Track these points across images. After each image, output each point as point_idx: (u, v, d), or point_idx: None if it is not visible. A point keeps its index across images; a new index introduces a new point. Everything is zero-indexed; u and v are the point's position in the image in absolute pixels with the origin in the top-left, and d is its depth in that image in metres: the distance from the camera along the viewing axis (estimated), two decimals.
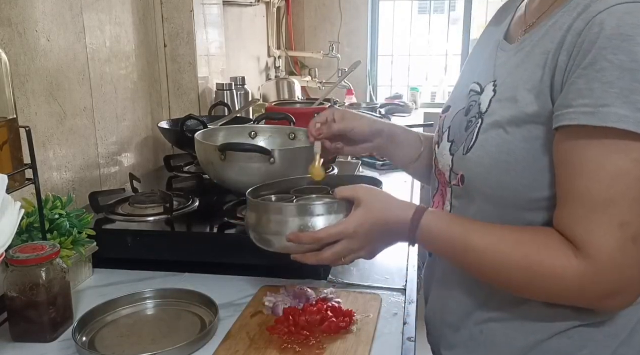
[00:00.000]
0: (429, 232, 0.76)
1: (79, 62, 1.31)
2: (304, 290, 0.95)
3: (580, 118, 0.63)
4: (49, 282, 0.85)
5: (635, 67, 0.60)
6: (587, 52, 0.63)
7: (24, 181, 0.87)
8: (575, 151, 0.65)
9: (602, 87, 0.61)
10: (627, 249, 0.63)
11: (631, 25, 0.61)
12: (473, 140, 0.77)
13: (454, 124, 0.85)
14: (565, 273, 0.66)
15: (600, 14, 0.63)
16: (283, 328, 0.86)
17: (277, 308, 0.91)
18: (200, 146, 1.15)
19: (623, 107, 0.60)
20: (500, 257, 0.71)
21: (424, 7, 3.99)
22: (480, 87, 0.81)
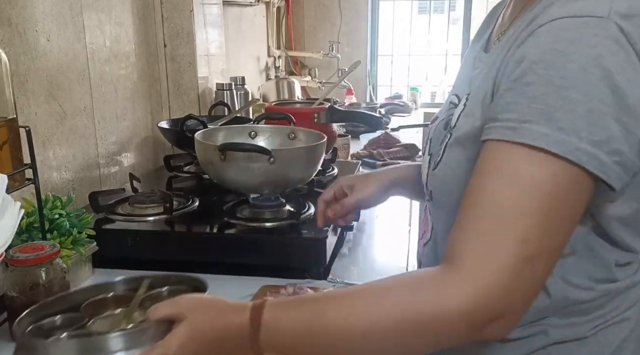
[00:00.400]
0: (277, 327, 0.61)
1: (79, 62, 1.31)
2: (304, 290, 0.95)
3: (504, 133, 0.59)
4: (49, 282, 0.85)
5: (563, 84, 0.57)
6: (520, 65, 0.60)
7: (24, 181, 0.87)
8: (495, 158, 0.60)
9: (527, 102, 0.58)
10: (519, 268, 0.56)
11: (566, 41, 0.58)
12: (440, 156, 0.74)
13: (434, 136, 0.82)
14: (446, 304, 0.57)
15: (540, 27, 0.60)
16: None
17: None
18: (200, 146, 1.15)
19: (545, 125, 0.56)
20: (368, 317, 0.59)
21: (424, 7, 3.99)
22: (458, 99, 0.78)
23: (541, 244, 0.57)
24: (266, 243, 1.08)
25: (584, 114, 0.56)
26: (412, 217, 1.43)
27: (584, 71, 0.56)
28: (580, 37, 0.57)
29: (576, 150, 0.56)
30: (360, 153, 2.07)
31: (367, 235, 1.32)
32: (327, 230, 1.08)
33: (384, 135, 2.17)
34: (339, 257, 1.16)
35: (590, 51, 0.57)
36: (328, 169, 1.52)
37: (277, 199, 1.19)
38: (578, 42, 0.57)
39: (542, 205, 0.57)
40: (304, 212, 1.15)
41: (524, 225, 0.57)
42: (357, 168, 1.62)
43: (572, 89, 0.56)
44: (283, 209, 1.17)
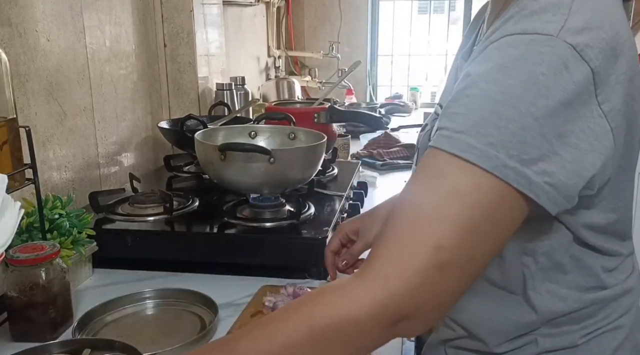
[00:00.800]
0: None
1: (79, 62, 1.31)
2: (304, 290, 0.95)
3: (439, 141, 0.59)
4: (49, 282, 0.85)
5: (499, 99, 0.56)
6: (467, 77, 0.60)
7: (24, 181, 0.87)
8: (426, 165, 0.60)
9: (465, 113, 0.58)
10: (429, 274, 0.54)
11: (511, 58, 0.57)
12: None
13: (421, 146, 0.82)
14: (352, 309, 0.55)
15: (492, 43, 0.60)
16: None
17: (277, 308, 0.91)
18: (200, 146, 1.15)
19: (475, 138, 0.56)
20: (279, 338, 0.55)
21: (424, 7, 3.99)
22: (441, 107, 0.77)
23: (456, 253, 0.55)
24: (266, 243, 1.08)
25: (516, 131, 0.55)
26: None
27: (523, 88, 0.56)
28: (526, 54, 0.57)
29: (503, 167, 0.55)
30: (360, 153, 2.07)
31: None
32: (327, 230, 1.08)
33: (384, 135, 2.17)
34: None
35: (533, 69, 0.56)
36: (328, 169, 1.52)
37: (277, 199, 1.19)
38: (522, 59, 0.57)
39: (461, 215, 0.55)
40: (304, 212, 1.15)
41: (440, 232, 0.55)
42: (357, 168, 1.62)
43: (508, 106, 0.56)
44: (283, 209, 1.17)
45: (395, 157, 2.00)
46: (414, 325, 0.57)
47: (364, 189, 1.51)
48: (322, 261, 1.06)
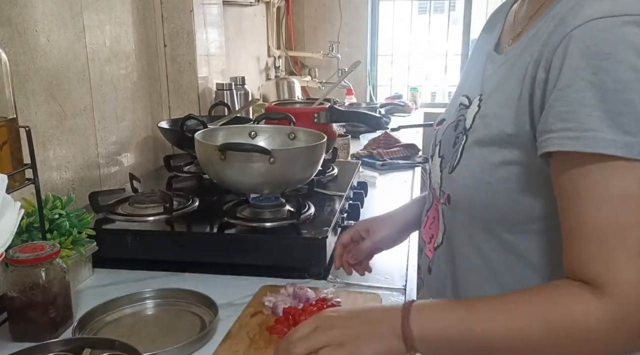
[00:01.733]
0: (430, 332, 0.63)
1: (79, 62, 1.31)
2: (304, 290, 0.95)
3: (565, 144, 0.58)
4: (49, 282, 0.85)
5: (617, 88, 0.56)
6: (564, 72, 0.59)
7: (24, 181, 0.87)
8: (573, 181, 0.59)
9: (585, 111, 0.57)
10: None
11: (609, 43, 0.57)
12: (458, 159, 0.73)
13: (444, 138, 0.81)
14: (589, 318, 0.57)
15: (575, 29, 0.59)
16: (283, 328, 0.86)
17: (277, 308, 0.91)
18: (200, 146, 1.15)
19: (609, 132, 0.56)
20: (514, 333, 0.60)
21: (424, 7, 3.99)
22: (469, 100, 0.77)
23: None
24: (266, 243, 1.08)
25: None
26: None
27: (635, 70, 0.56)
28: (623, 36, 0.57)
29: None
30: (360, 153, 2.07)
31: None
32: (327, 230, 1.08)
33: (384, 135, 2.17)
34: None
35: (637, 49, 0.56)
36: (328, 169, 1.52)
37: (277, 199, 1.19)
38: (622, 41, 0.57)
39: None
40: (304, 212, 1.15)
41: (634, 238, 0.56)
42: (357, 168, 1.62)
43: (629, 91, 0.56)
44: (283, 209, 1.17)
45: (395, 157, 2.00)
46: None
47: (364, 189, 1.52)
48: (322, 261, 1.06)
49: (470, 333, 0.62)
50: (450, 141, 0.77)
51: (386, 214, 1.01)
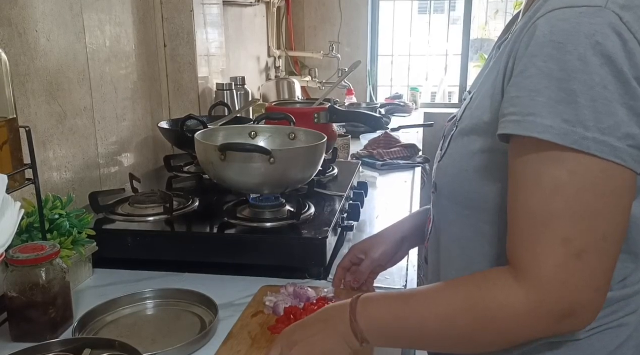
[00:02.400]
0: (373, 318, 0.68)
1: (79, 62, 1.31)
2: (304, 289, 0.95)
3: (508, 127, 0.61)
4: (49, 282, 0.85)
5: (563, 76, 0.57)
6: (521, 59, 0.61)
7: (24, 181, 0.87)
8: (517, 164, 0.62)
9: (530, 95, 0.59)
10: (570, 266, 0.58)
11: (563, 32, 0.58)
12: (445, 149, 0.76)
13: (447, 133, 0.83)
14: (510, 303, 0.60)
15: (539, 19, 0.61)
16: (284, 327, 0.86)
17: (277, 307, 0.91)
18: (200, 146, 1.15)
19: (548, 118, 0.57)
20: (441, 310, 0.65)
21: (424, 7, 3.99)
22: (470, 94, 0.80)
23: (585, 239, 0.58)
24: (266, 243, 1.08)
25: (587, 103, 0.57)
26: None
27: (582, 61, 0.57)
28: (577, 26, 0.58)
29: (583, 140, 0.57)
30: (360, 153, 2.07)
31: (367, 235, 1.31)
32: (327, 230, 1.08)
33: (384, 135, 2.17)
34: (339, 257, 1.16)
35: (588, 40, 0.57)
36: (328, 169, 1.52)
37: (277, 199, 1.19)
38: (575, 31, 0.58)
39: (569, 204, 0.58)
40: (304, 212, 1.15)
41: (560, 226, 0.58)
42: (357, 168, 1.62)
43: (573, 80, 0.57)
44: (283, 209, 1.17)
45: (395, 157, 2.00)
46: (577, 322, 0.61)
47: (364, 189, 1.51)
48: (322, 261, 1.06)
49: (406, 324, 0.66)
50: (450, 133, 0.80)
51: (380, 231, 1.03)
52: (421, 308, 0.66)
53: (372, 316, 0.68)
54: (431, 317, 0.65)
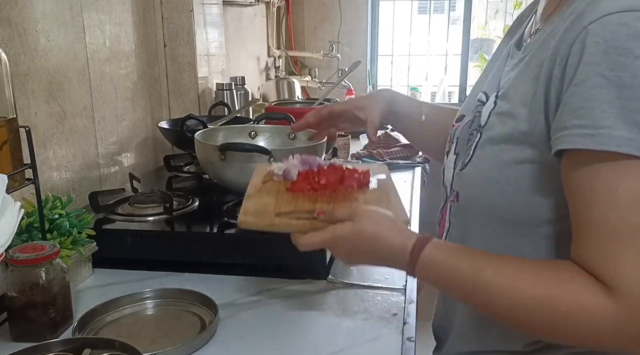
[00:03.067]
0: (432, 268, 0.67)
1: (79, 62, 1.31)
2: (312, 156, 0.90)
3: (578, 141, 0.57)
4: (49, 282, 0.85)
5: (635, 84, 0.55)
6: (579, 67, 0.58)
7: (24, 181, 0.87)
8: (584, 178, 0.59)
9: (601, 107, 0.56)
10: None
11: (627, 37, 0.56)
12: (470, 156, 0.73)
13: (461, 135, 0.80)
14: (597, 313, 0.57)
15: (592, 24, 0.58)
16: (305, 185, 0.82)
17: (289, 173, 0.86)
18: (200, 146, 1.15)
19: (625, 129, 0.55)
20: (517, 294, 0.61)
21: (424, 7, 3.99)
22: (487, 96, 0.77)
23: None
24: (266, 243, 1.08)
25: None
26: (411, 217, 1.43)
27: None
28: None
29: None
30: (360, 153, 2.07)
31: None
32: None
33: (384, 135, 2.17)
34: None
35: None
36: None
37: None
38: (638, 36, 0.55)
39: None
40: None
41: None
42: None
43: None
44: None
45: (395, 157, 2.00)
46: None
47: None
48: (322, 261, 1.06)
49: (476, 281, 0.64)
50: (465, 138, 0.77)
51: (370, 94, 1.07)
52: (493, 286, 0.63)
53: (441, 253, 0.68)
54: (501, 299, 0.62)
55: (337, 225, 0.72)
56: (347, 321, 0.92)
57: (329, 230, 0.73)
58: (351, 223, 0.72)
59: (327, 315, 0.94)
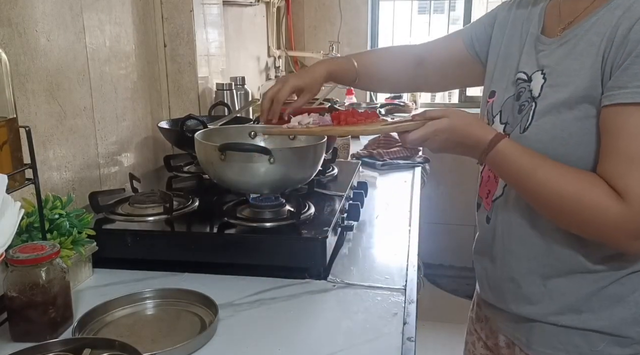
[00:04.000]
0: (502, 156, 0.88)
1: (79, 62, 1.31)
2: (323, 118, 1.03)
3: (636, 97, 0.78)
4: (49, 282, 0.85)
5: None
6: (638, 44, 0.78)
7: (24, 181, 0.87)
8: (619, 119, 0.80)
9: None
10: None
11: None
12: (529, 121, 0.91)
13: (505, 108, 0.99)
14: (608, 210, 0.80)
15: None
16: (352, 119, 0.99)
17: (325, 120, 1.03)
18: (200, 146, 1.15)
19: None
20: (557, 187, 0.84)
21: (424, 7, 3.99)
22: (527, 75, 0.95)
23: None
24: (266, 243, 1.08)
25: None
26: (412, 217, 1.43)
27: None
28: None
29: None
30: (360, 153, 2.07)
31: (367, 235, 1.32)
32: (327, 230, 1.08)
33: (384, 135, 2.17)
34: (339, 257, 1.17)
35: None
36: (328, 169, 1.52)
37: (277, 199, 1.19)
38: None
39: None
40: (304, 212, 1.15)
41: None
42: (357, 168, 1.62)
43: None
44: (283, 209, 1.17)
45: (395, 157, 2.00)
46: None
47: (364, 189, 1.51)
48: (322, 261, 1.06)
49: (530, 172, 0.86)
50: (515, 109, 0.96)
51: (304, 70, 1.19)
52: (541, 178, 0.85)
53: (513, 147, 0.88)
54: (545, 188, 0.85)
55: (435, 121, 0.88)
56: (347, 321, 0.92)
57: (429, 125, 0.88)
58: (447, 119, 0.88)
59: (327, 315, 0.95)
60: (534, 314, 0.96)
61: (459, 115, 0.89)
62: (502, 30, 1.07)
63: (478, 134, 0.89)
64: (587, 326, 0.91)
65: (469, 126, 0.89)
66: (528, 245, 0.95)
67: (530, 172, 0.86)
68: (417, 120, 0.90)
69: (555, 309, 0.94)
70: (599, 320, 0.91)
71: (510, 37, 1.04)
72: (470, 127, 0.89)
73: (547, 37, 0.95)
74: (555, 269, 0.93)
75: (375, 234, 1.33)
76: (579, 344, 0.92)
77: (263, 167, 1.08)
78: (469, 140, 0.89)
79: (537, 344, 0.96)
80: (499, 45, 1.06)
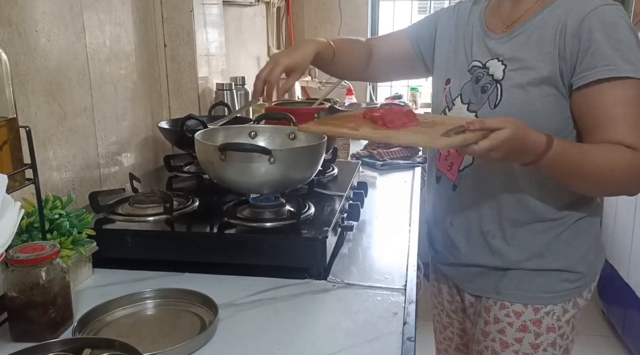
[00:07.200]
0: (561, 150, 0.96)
1: (79, 62, 1.31)
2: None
3: (608, 72, 0.95)
4: (49, 282, 0.85)
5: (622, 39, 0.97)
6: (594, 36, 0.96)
7: (24, 181, 0.87)
8: (604, 94, 0.96)
9: (615, 54, 0.95)
10: None
11: (615, 18, 0.98)
12: (498, 98, 1.05)
13: (465, 91, 1.13)
14: (626, 160, 0.96)
15: (593, 10, 0.98)
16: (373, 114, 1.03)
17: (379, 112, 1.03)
18: (200, 146, 1.15)
19: (626, 64, 0.95)
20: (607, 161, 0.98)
21: (424, 7, 3.99)
22: (481, 63, 1.11)
23: None
24: (266, 243, 1.08)
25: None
26: (412, 217, 1.43)
27: (628, 31, 0.98)
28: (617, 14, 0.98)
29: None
30: (360, 153, 2.07)
31: (367, 235, 1.32)
32: (327, 230, 1.08)
33: None
34: (339, 257, 1.17)
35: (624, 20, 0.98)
36: (328, 169, 1.52)
37: (277, 199, 1.19)
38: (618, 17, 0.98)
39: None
40: (304, 212, 1.15)
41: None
42: (357, 168, 1.62)
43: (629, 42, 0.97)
44: (283, 209, 1.17)
45: (395, 157, 2.00)
46: None
47: (364, 189, 1.51)
48: (322, 261, 1.06)
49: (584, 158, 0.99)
50: (476, 91, 1.10)
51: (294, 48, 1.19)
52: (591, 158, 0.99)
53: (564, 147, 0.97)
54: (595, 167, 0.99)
55: (498, 132, 0.90)
56: (347, 321, 0.92)
57: (493, 137, 0.90)
58: (508, 129, 0.90)
59: (327, 315, 0.95)
60: (506, 263, 1.12)
61: (514, 122, 0.92)
62: (449, 29, 1.21)
63: (535, 138, 0.94)
64: (549, 267, 1.10)
65: (526, 131, 0.93)
66: (499, 201, 1.09)
67: (581, 157, 0.98)
68: (475, 131, 0.90)
69: (524, 257, 1.10)
70: (557, 260, 1.10)
71: (458, 34, 1.19)
72: (528, 132, 0.93)
73: (494, 33, 1.11)
74: (522, 220, 1.09)
75: (375, 234, 1.33)
76: (541, 283, 1.10)
77: (263, 167, 1.08)
78: (530, 146, 0.94)
79: (506, 289, 1.12)
80: (448, 41, 1.20)
